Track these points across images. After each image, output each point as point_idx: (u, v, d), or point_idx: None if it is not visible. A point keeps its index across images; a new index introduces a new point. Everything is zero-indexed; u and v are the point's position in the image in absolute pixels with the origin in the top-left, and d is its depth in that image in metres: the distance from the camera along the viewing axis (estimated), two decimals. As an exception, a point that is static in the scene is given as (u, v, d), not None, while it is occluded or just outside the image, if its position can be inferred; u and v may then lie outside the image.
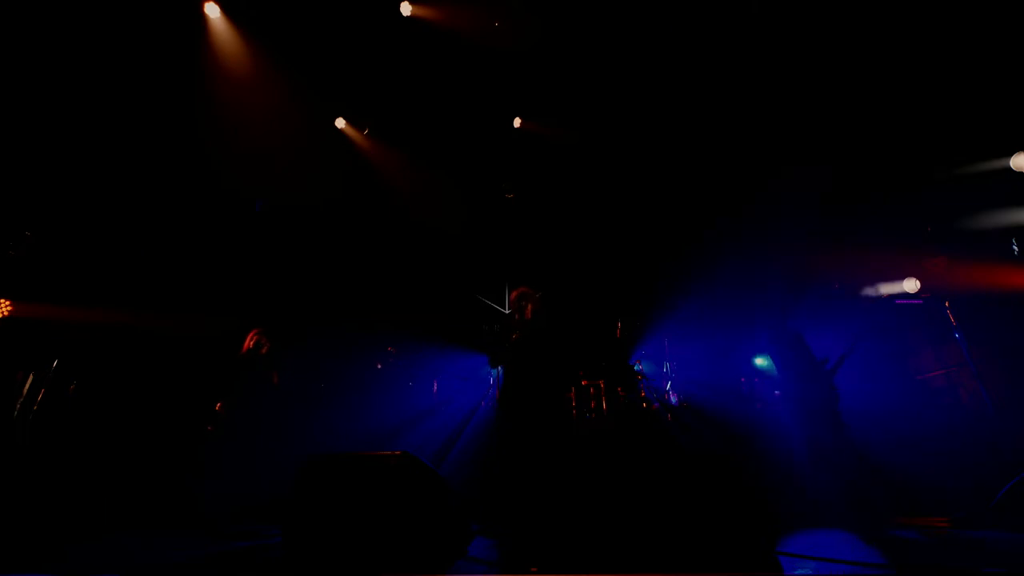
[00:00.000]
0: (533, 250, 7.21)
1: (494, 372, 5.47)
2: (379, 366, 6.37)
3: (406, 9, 6.21)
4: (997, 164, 5.63)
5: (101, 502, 4.29)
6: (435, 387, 6.40)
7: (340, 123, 7.19)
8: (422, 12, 6.27)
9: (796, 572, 2.97)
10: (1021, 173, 5.48)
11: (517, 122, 7.44)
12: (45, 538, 3.68)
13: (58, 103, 5.25)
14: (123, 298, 5.37)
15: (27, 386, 4.42)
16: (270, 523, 4.29)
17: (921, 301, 5.79)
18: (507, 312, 6.41)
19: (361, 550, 2.94)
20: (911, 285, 5.90)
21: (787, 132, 6.52)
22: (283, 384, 5.15)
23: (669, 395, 5.87)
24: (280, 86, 6.30)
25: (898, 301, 5.95)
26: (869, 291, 6.18)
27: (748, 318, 6.17)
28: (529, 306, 4.82)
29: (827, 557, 3.16)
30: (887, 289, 6.08)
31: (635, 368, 5.79)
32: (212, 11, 5.84)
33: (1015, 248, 5.35)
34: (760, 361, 6.19)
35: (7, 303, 4.54)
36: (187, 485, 4.48)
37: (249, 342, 5.10)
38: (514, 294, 4.92)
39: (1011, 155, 5.52)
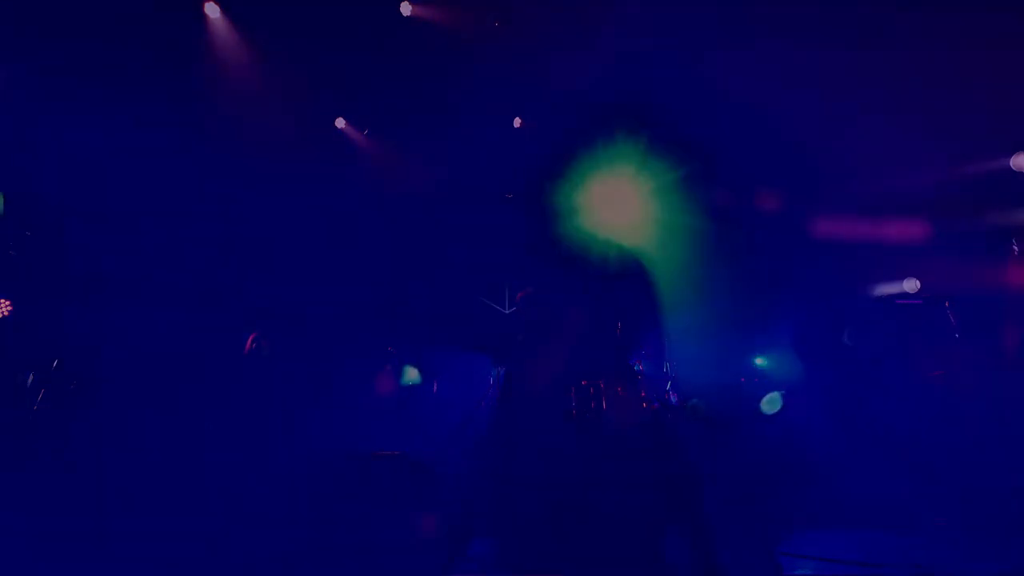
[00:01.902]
0: (533, 250, 7.18)
1: (494, 372, 5.47)
2: (379, 365, 6.38)
3: (406, 9, 6.21)
4: (997, 164, 5.63)
5: (101, 502, 4.29)
6: (435, 387, 6.40)
7: (340, 123, 7.18)
8: (422, 12, 6.27)
9: (796, 572, 2.98)
10: (1021, 173, 5.48)
11: (517, 122, 7.44)
12: (44, 539, 3.68)
13: (58, 101, 5.25)
14: (124, 298, 5.37)
15: (27, 386, 4.42)
16: (273, 523, 4.29)
17: (921, 301, 5.79)
18: (508, 312, 6.43)
19: (362, 550, 2.95)
20: (911, 285, 5.90)
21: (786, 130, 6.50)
22: (283, 385, 5.16)
23: (669, 395, 5.86)
24: (280, 86, 6.30)
25: (898, 301, 5.95)
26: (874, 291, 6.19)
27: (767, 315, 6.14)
28: (537, 308, 4.83)
29: (827, 557, 3.17)
30: (887, 289, 6.08)
31: (635, 368, 5.78)
32: (212, 11, 5.84)
33: (1015, 248, 5.34)
34: (760, 361, 6.19)
35: (7, 303, 4.53)
36: (188, 485, 4.49)
37: (251, 343, 5.11)
38: (520, 295, 4.93)
39: (1011, 155, 5.53)
